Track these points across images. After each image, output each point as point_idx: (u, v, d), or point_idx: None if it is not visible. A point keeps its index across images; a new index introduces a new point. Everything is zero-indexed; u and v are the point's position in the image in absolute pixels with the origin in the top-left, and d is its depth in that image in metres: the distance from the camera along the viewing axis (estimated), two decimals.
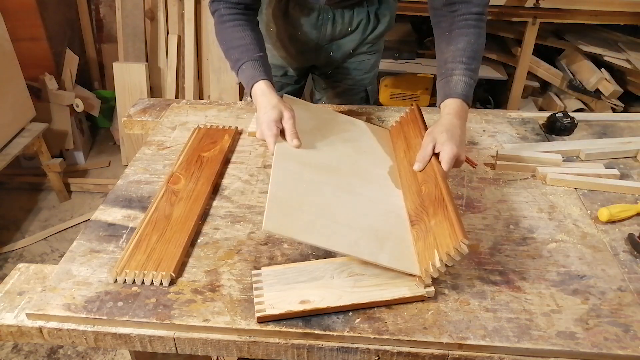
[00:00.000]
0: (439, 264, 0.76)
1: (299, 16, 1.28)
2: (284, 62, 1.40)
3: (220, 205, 1.00)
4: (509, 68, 2.54)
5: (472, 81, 1.00)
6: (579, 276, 0.84)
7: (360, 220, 0.85)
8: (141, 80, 2.61)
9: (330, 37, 1.32)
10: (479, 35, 1.02)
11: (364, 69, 1.42)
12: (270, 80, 1.05)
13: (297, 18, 1.28)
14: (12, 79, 2.18)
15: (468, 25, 1.02)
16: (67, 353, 1.76)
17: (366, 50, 1.38)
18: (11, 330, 0.78)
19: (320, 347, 0.75)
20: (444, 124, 0.94)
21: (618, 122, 1.32)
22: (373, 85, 1.49)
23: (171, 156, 1.15)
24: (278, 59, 1.40)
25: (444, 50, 1.04)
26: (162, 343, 0.77)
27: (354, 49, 1.35)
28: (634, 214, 0.98)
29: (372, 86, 1.49)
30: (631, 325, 0.76)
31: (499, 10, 2.20)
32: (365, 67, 1.42)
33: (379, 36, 1.36)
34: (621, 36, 2.47)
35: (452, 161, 0.90)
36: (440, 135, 0.92)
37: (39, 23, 2.47)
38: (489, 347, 0.73)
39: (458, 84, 0.98)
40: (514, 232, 0.94)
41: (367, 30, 1.32)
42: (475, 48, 1.01)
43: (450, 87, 0.99)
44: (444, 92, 1.00)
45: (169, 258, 0.84)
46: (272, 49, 1.37)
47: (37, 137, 2.26)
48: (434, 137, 0.93)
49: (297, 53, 1.36)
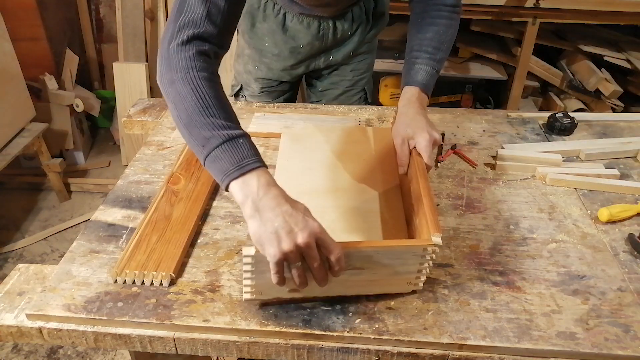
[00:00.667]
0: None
1: (299, 29, 1.26)
2: (281, 74, 1.39)
3: (220, 205, 1.00)
4: (509, 68, 2.54)
5: (434, 71, 1.01)
6: (579, 276, 0.84)
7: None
8: (141, 80, 2.61)
9: (332, 44, 1.31)
10: (449, 26, 1.03)
11: (362, 69, 1.43)
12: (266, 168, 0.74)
13: (297, 31, 1.26)
14: (12, 79, 2.18)
15: (440, 16, 1.03)
16: (67, 353, 1.76)
17: (365, 50, 1.39)
18: (11, 331, 0.78)
19: (320, 347, 0.75)
20: (404, 120, 0.96)
21: (618, 122, 1.32)
22: (370, 85, 1.50)
23: (171, 156, 1.15)
24: (275, 73, 1.38)
25: (412, 37, 1.05)
26: (162, 343, 0.77)
27: (354, 50, 1.35)
28: (634, 214, 0.98)
29: (369, 85, 1.49)
30: (631, 326, 0.76)
31: (499, 10, 2.19)
32: (363, 67, 1.42)
33: (377, 34, 1.38)
34: (621, 36, 2.47)
35: (430, 149, 0.91)
36: (407, 131, 0.94)
37: (39, 23, 2.47)
38: (489, 348, 0.73)
39: (419, 72, 1.00)
40: (514, 232, 0.94)
41: (365, 31, 1.33)
42: (442, 39, 1.02)
43: (411, 75, 1.00)
44: (405, 79, 1.02)
45: (169, 258, 0.84)
46: (270, 64, 1.36)
47: (37, 137, 2.26)
48: (403, 137, 0.94)
49: (296, 63, 1.35)
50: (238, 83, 1.48)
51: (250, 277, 0.72)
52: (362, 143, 1.16)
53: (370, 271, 0.76)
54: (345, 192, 1.00)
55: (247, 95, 1.48)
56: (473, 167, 1.12)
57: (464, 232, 0.93)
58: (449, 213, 0.98)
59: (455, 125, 1.28)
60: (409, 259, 0.75)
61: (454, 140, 1.22)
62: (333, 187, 1.02)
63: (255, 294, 0.75)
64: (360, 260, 0.74)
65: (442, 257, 0.87)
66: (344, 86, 1.44)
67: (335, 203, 0.97)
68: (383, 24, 1.36)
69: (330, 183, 1.03)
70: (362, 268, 0.75)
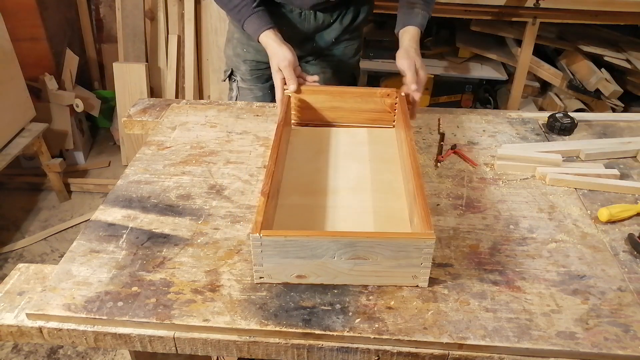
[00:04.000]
0: None
1: (282, 13, 1.32)
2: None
3: (220, 205, 1.00)
4: (509, 68, 2.54)
5: (429, 15, 1.23)
6: (579, 276, 0.84)
7: None
8: (141, 81, 2.61)
9: (314, 28, 1.37)
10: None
11: (349, 54, 1.49)
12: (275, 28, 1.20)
13: (280, 15, 1.32)
14: (12, 79, 2.18)
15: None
16: (67, 353, 1.76)
17: (349, 37, 1.45)
18: (11, 330, 0.78)
19: (320, 347, 0.75)
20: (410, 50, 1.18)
21: (618, 122, 1.32)
22: (358, 70, 1.57)
23: (171, 156, 1.15)
24: (263, 55, 1.39)
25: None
26: (162, 343, 0.77)
27: (337, 37, 1.41)
28: (634, 214, 0.98)
29: (357, 71, 1.57)
30: (631, 325, 0.76)
31: (499, 10, 2.19)
32: (350, 52, 1.49)
33: (360, 24, 1.44)
34: (621, 36, 2.47)
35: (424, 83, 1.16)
36: (418, 59, 1.16)
37: (39, 23, 2.47)
38: (489, 347, 0.73)
39: (418, 15, 1.21)
40: (514, 232, 0.94)
41: (347, 20, 1.38)
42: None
43: (412, 17, 1.22)
44: (405, 20, 1.23)
45: None
46: (257, 46, 1.36)
47: (37, 137, 2.26)
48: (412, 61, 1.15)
49: None
50: (229, 67, 1.53)
51: (259, 261, 0.79)
52: (366, 144, 1.18)
53: (373, 261, 0.78)
54: (348, 193, 1.01)
55: (238, 79, 1.52)
56: (473, 167, 1.12)
57: (463, 232, 0.93)
58: (449, 213, 0.98)
59: (455, 125, 1.28)
60: (412, 252, 0.77)
61: (454, 140, 1.22)
62: (338, 187, 1.03)
63: (265, 277, 0.81)
64: (363, 250, 0.77)
65: (442, 257, 0.88)
66: (330, 71, 1.49)
67: (340, 203, 0.98)
68: (367, 14, 1.42)
69: (335, 183, 1.04)
70: (366, 258, 0.78)
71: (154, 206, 0.99)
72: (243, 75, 1.50)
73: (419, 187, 0.86)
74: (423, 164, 1.12)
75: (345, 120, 1.24)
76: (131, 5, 2.61)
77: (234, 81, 1.54)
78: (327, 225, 0.92)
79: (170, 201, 1.01)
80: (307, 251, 0.78)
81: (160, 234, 0.92)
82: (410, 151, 0.96)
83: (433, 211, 0.98)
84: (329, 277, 0.80)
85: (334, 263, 0.79)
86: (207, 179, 1.07)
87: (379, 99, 1.21)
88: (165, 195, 1.02)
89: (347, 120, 1.24)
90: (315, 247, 0.77)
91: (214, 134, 1.23)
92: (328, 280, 0.81)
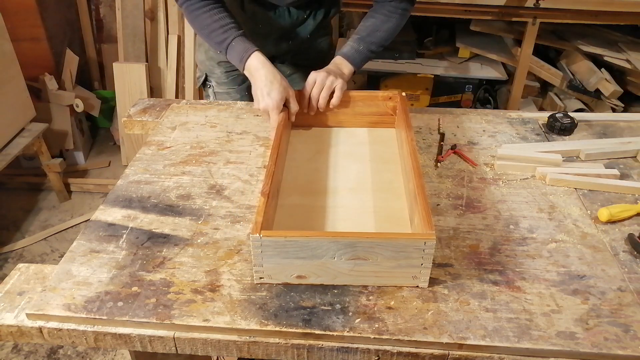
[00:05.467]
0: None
1: (256, 11, 1.32)
2: None
3: (220, 206, 1.00)
4: (509, 68, 2.54)
5: (361, 48, 1.23)
6: (579, 276, 0.84)
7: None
8: (141, 81, 2.61)
9: (290, 25, 1.37)
10: (389, 17, 1.24)
11: (323, 49, 1.51)
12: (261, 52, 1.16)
13: (255, 13, 1.32)
14: (12, 79, 2.18)
15: (381, 11, 1.24)
16: (67, 353, 1.76)
17: (322, 33, 1.47)
18: (11, 330, 0.78)
19: (320, 347, 0.75)
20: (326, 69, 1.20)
21: (618, 122, 1.32)
22: None
23: (171, 156, 1.15)
24: None
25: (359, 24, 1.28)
26: (162, 343, 0.77)
27: (311, 33, 1.41)
28: (634, 214, 0.98)
29: None
30: (631, 326, 0.76)
31: (499, 10, 2.19)
32: (324, 47, 1.50)
33: (331, 18, 1.48)
34: (621, 36, 2.47)
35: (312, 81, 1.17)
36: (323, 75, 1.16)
37: (39, 23, 2.47)
38: (489, 347, 0.73)
39: (346, 46, 1.25)
40: (514, 232, 0.94)
41: (320, 15, 1.39)
42: (377, 27, 1.24)
43: (340, 48, 1.26)
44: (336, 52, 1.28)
45: None
46: None
47: (37, 137, 2.26)
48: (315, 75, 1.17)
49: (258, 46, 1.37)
50: (202, 73, 1.50)
51: (259, 262, 0.79)
52: (366, 144, 1.18)
53: (373, 262, 0.78)
54: (349, 193, 1.01)
55: (214, 84, 1.49)
56: (473, 167, 1.12)
57: (463, 232, 0.93)
58: (448, 213, 0.98)
59: (455, 125, 1.28)
60: (412, 253, 0.77)
61: (454, 140, 1.22)
62: (338, 187, 1.03)
63: (265, 277, 0.81)
64: (363, 251, 0.77)
65: (442, 257, 0.88)
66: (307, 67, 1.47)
67: (340, 203, 0.98)
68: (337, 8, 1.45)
69: (335, 183, 1.05)
70: (366, 259, 0.78)
71: (154, 206, 0.99)
72: (218, 79, 1.47)
73: (419, 187, 0.86)
74: (423, 164, 1.12)
75: (347, 124, 1.25)
76: (131, 5, 2.61)
77: (209, 87, 1.50)
78: (327, 225, 0.93)
79: (170, 201, 1.01)
80: (307, 251, 0.78)
81: (160, 234, 0.92)
82: (411, 151, 0.96)
83: (433, 211, 0.98)
84: (329, 277, 0.81)
85: (334, 263, 0.79)
86: (207, 179, 1.07)
87: (381, 102, 1.21)
88: (165, 195, 1.02)
89: (349, 124, 1.25)
90: (316, 248, 0.77)
91: (214, 134, 1.23)
92: (328, 280, 0.81)
